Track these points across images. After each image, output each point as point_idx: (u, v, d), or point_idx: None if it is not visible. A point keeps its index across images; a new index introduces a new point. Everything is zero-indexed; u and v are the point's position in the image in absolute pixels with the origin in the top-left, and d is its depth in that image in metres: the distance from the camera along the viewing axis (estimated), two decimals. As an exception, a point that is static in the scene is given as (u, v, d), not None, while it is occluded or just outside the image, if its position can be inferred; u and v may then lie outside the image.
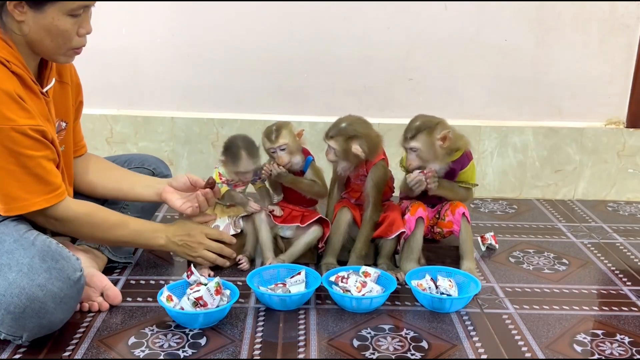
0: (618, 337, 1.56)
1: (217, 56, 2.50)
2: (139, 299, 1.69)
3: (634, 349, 1.51)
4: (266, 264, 1.83)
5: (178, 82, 2.54)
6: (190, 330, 1.53)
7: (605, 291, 1.81)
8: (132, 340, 1.49)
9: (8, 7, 1.44)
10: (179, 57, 2.51)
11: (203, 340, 1.49)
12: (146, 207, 1.98)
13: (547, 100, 2.59)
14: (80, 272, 1.46)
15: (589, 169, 2.61)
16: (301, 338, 1.52)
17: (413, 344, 1.50)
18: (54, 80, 1.61)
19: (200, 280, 1.62)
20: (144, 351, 1.44)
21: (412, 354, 1.45)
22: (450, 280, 1.70)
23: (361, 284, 1.64)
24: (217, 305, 1.56)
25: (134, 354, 1.43)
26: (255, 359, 1.43)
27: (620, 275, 1.91)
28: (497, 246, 2.09)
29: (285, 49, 2.49)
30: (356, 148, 1.77)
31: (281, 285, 1.69)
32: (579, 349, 1.50)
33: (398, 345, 1.49)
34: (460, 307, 1.66)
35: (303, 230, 1.88)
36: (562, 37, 2.51)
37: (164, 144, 2.56)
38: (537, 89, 2.58)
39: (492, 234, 2.12)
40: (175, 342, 1.48)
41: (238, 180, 1.85)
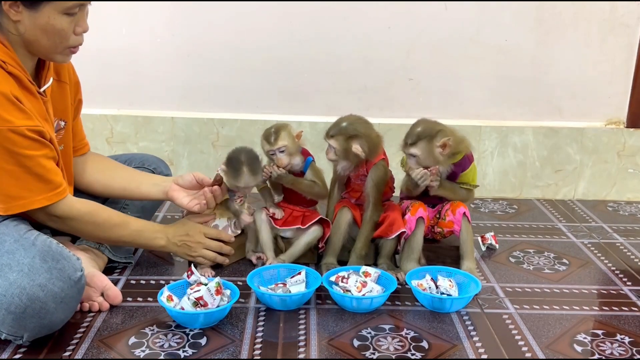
0: (618, 337, 1.56)
1: (217, 56, 2.50)
2: (139, 298, 1.69)
3: (634, 349, 1.51)
4: (266, 264, 1.83)
5: (178, 82, 2.54)
6: (190, 330, 1.53)
7: (605, 291, 1.81)
8: (133, 340, 1.49)
9: (3, 7, 1.44)
10: (179, 57, 2.51)
11: (203, 340, 1.49)
12: (146, 207, 1.98)
13: (547, 100, 2.60)
14: (81, 272, 1.46)
15: (589, 169, 2.62)
16: (301, 338, 1.52)
17: (413, 344, 1.50)
18: (51, 80, 1.60)
19: (200, 280, 1.62)
20: (144, 351, 1.44)
21: (413, 354, 1.45)
22: (450, 280, 1.70)
23: (361, 284, 1.64)
24: (218, 305, 1.56)
25: (134, 354, 1.43)
26: (256, 359, 1.43)
27: (621, 275, 1.91)
28: (498, 246, 2.09)
29: (286, 49, 2.49)
30: (356, 147, 1.77)
31: (281, 285, 1.70)
32: (579, 349, 1.50)
33: (398, 345, 1.49)
34: (460, 307, 1.66)
35: (303, 230, 1.88)
36: (563, 37, 2.51)
37: (164, 143, 2.56)
38: (537, 89, 2.58)
39: (493, 233, 2.12)
40: (175, 342, 1.48)
41: (238, 191, 1.85)
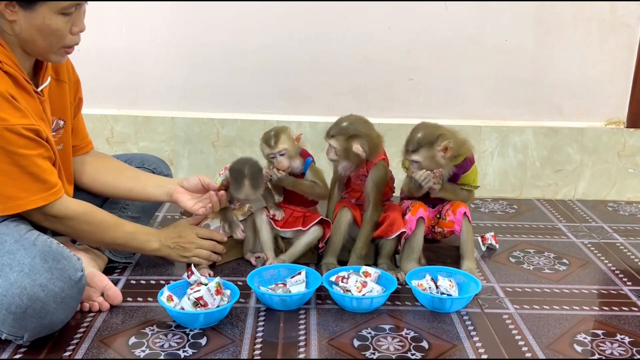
0: (618, 337, 1.56)
1: (217, 56, 2.50)
2: (139, 299, 1.69)
3: (635, 349, 1.51)
4: (267, 264, 1.83)
5: (178, 82, 2.54)
6: (190, 330, 1.53)
7: (605, 291, 1.81)
8: (133, 340, 1.49)
9: None
10: (179, 57, 2.51)
11: (203, 340, 1.49)
12: (147, 207, 1.98)
13: (548, 100, 2.60)
14: (81, 272, 1.46)
15: (589, 168, 2.62)
16: (301, 338, 1.52)
17: (413, 344, 1.50)
18: (49, 79, 1.60)
19: (200, 280, 1.62)
20: (144, 351, 1.44)
21: (413, 354, 1.45)
22: (450, 280, 1.70)
23: (361, 284, 1.64)
24: (218, 305, 1.56)
25: (134, 354, 1.43)
26: (256, 359, 1.43)
27: (621, 275, 1.92)
28: (498, 246, 2.09)
29: (286, 49, 2.49)
30: (357, 147, 1.77)
31: (281, 285, 1.70)
32: (579, 348, 1.50)
33: (398, 345, 1.49)
34: (460, 307, 1.66)
35: (304, 230, 1.88)
36: (563, 37, 2.51)
37: (164, 143, 2.56)
38: (538, 88, 2.58)
39: (493, 233, 2.12)
40: (175, 342, 1.48)
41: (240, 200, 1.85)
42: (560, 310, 1.68)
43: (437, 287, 1.69)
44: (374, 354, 1.45)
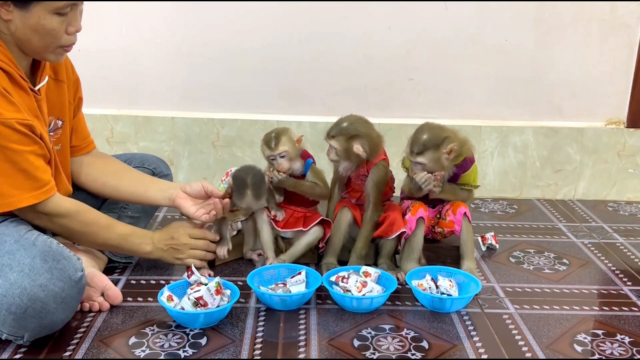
0: (618, 337, 1.56)
1: (217, 56, 2.50)
2: (139, 298, 1.69)
3: (635, 349, 1.51)
4: (267, 264, 1.83)
5: (178, 82, 2.54)
6: (190, 330, 1.53)
7: (605, 291, 1.81)
8: (133, 340, 1.49)
9: None
10: (179, 57, 2.51)
11: (204, 340, 1.49)
12: (146, 207, 1.97)
13: (548, 100, 2.60)
14: (81, 272, 1.46)
15: (590, 168, 2.62)
16: (302, 338, 1.52)
17: (413, 344, 1.50)
18: (46, 79, 1.59)
19: (200, 280, 1.62)
20: (144, 351, 1.44)
21: (413, 354, 1.45)
22: (450, 280, 1.70)
23: (362, 284, 1.64)
24: (218, 305, 1.56)
25: (134, 354, 1.43)
26: (256, 358, 1.43)
27: (621, 275, 1.92)
28: (498, 246, 2.09)
29: (286, 48, 2.49)
30: (357, 148, 1.77)
31: (282, 285, 1.70)
32: (579, 348, 1.50)
33: (398, 345, 1.49)
34: (460, 307, 1.66)
35: (304, 231, 1.88)
36: (563, 37, 2.51)
37: (164, 143, 2.56)
38: (538, 88, 2.58)
39: (493, 233, 2.12)
40: (175, 342, 1.48)
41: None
42: (560, 310, 1.68)
43: (437, 287, 1.69)
44: (374, 354, 1.45)
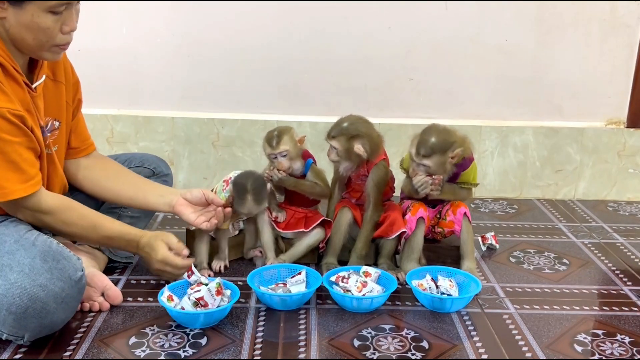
0: (618, 337, 1.56)
1: (218, 56, 2.50)
2: (139, 298, 1.69)
3: (635, 349, 1.51)
4: (267, 264, 1.83)
5: (178, 82, 2.54)
6: (191, 330, 1.53)
7: (605, 291, 1.81)
8: (133, 340, 1.49)
9: None
10: (179, 57, 2.51)
11: (204, 340, 1.49)
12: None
13: (548, 100, 2.60)
14: (81, 272, 1.46)
15: (590, 168, 2.61)
16: (302, 338, 1.52)
17: (413, 344, 1.50)
18: (44, 77, 1.59)
19: (201, 280, 1.62)
20: (144, 351, 1.44)
21: (413, 354, 1.45)
22: (450, 280, 1.70)
23: (362, 284, 1.64)
24: (218, 305, 1.56)
25: (134, 354, 1.43)
26: (256, 358, 1.43)
27: (621, 275, 1.92)
28: (498, 246, 2.09)
29: (286, 48, 2.49)
30: (358, 147, 1.77)
31: (282, 285, 1.70)
32: (579, 348, 1.50)
33: (398, 345, 1.49)
34: (460, 307, 1.66)
35: (306, 232, 1.88)
36: (563, 37, 2.51)
37: (164, 143, 2.56)
38: (538, 88, 2.58)
39: (493, 233, 2.12)
40: (176, 342, 1.48)
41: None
42: (560, 310, 1.68)
43: (437, 287, 1.69)
44: (374, 354, 1.45)
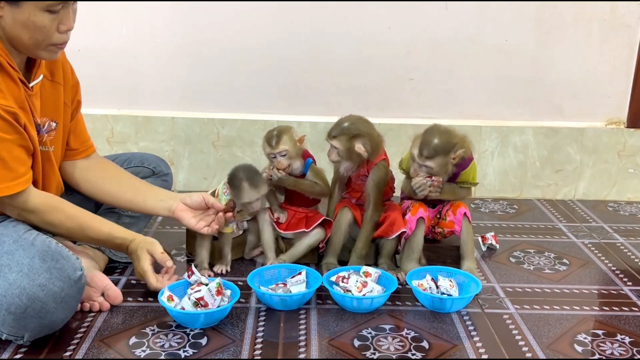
0: (619, 337, 1.56)
1: (218, 56, 2.50)
2: (139, 298, 1.69)
3: (635, 349, 1.51)
4: (267, 264, 1.83)
5: (178, 82, 2.54)
6: (191, 330, 1.53)
7: (605, 291, 1.81)
8: (133, 340, 1.49)
9: None
10: (179, 57, 2.51)
11: (204, 340, 1.49)
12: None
13: (548, 100, 2.59)
14: (80, 271, 1.46)
15: (590, 169, 2.61)
16: (302, 338, 1.52)
17: (414, 344, 1.50)
18: (41, 77, 1.58)
19: (201, 280, 1.62)
20: (144, 351, 1.44)
21: (413, 354, 1.45)
22: (450, 280, 1.70)
23: (362, 284, 1.64)
24: (218, 305, 1.56)
25: (134, 354, 1.43)
26: (256, 358, 1.43)
27: (621, 275, 1.91)
28: (498, 246, 2.09)
29: (286, 48, 2.49)
30: (359, 147, 1.77)
31: (282, 285, 1.69)
32: (579, 349, 1.50)
33: (399, 345, 1.49)
34: (460, 307, 1.66)
35: (306, 232, 1.88)
36: (563, 37, 2.51)
37: (164, 143, 2.56)
38: (538, 88, 2.58)
39: (493, 233, 2.12)
40: (176, 342, 1.48)
41: (245, 209, 1.83)
42: (560, 310, 1.68)
43: (438, 287, 1.69)
44: (374, 354, 1.45)
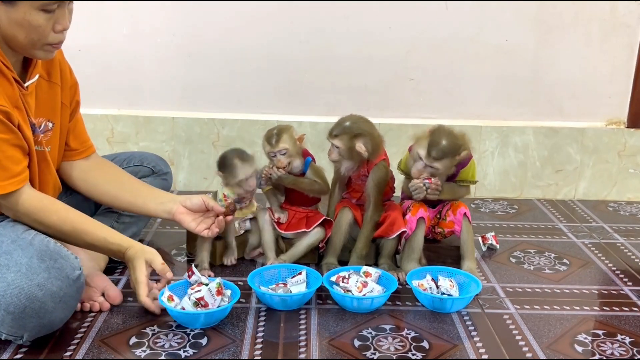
0: (619, 337, 1.56)
1: (218, 56, 2.50)
2: (139, 299, 1.69)
3: (635, 349, 1.51)
4: (267, 264, 1.83)
5: (179, 82, 2.54)
6: (191, 330, 1.53)
7: (606, 291, 1.81)
8: (133, 340, 1.49)
9: None
10: (179, 57, 2.51)
11: (204, 340, 1.49)
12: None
13: (548, 100, 2.59)
14: (79, 271, 1.46)
15: (590, 169, 2.61)
16: (302, 338, 1.51)
17: (414, 344, 1.50)
18: (37, 77, 1.57)
19: (201, 280, 1.61)
20: (145, 351, 1.44)
21: (413, 354, 1.45)
22: (451, 280, 1.70)
23: (362, 284, 1.64)
24: (218, 305, 1.56)
25: (135, 354, 1.43)
26: (257, 359, 1.43)
27: (621, 276, 1.91)
28: (498, 246, 2.09)
29: (286, 48, 2.49)
30: (360, 146, 1.76)
31: (282, 285, 1.69)
32: (579, 349, 1.50)
33: (399, 345, 1.49)
34: (461, 307, 1.66)
35: (306, 232, 1.88)
36: (563, 37, 2.51)
37: (164, 143, 2.56)
38: (538, 88, 2.58)
39: (493, 234, 2.12)
40: (176, 342, 1.48)
41: (245, 192, 1.84)
42: (560, 311, 1.68)
43: (438, 287, 1.69)
44: (374, 354, 1.45)
